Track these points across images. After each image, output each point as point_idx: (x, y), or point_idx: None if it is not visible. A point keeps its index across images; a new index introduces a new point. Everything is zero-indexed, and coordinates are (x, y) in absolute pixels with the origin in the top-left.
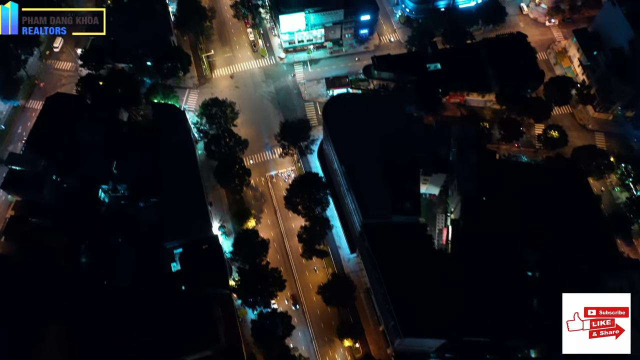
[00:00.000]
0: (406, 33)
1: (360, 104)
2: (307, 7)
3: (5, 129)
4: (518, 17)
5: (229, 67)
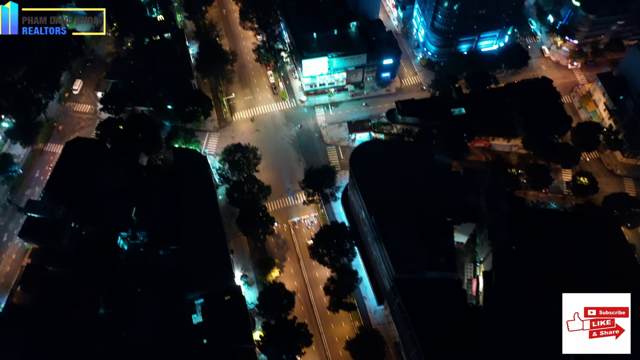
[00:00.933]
0: (427, 76)
1: (387, 152)
2: (330, 51)
3: (23, 173)
4: (540, 60)
5: (250, 110)
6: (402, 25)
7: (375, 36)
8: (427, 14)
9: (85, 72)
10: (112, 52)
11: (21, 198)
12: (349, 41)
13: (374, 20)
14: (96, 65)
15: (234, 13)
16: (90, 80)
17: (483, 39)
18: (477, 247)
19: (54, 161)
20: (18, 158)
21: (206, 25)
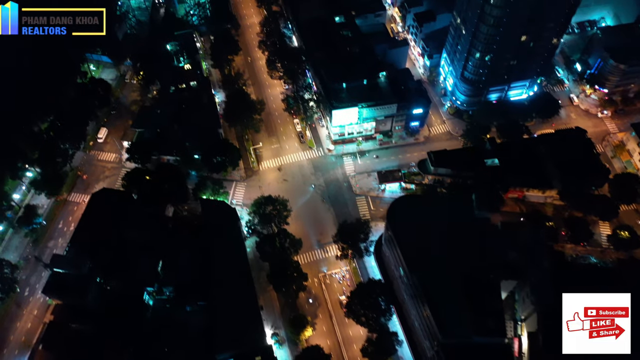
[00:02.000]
0: (456, 124)
1: (425, 206)
2: (361, 101)
3: (46, 224)
4: (569, 108)
5: (277, 159)
6: (428, 73)
7: (404, 86)
8: (456, 64)
9: (110, 120)
10: (137, 100)
11: (44, 250)
12: (378, 91)
13: (402, 70)
14: (121, 113)
15: (259, 61)
16: (115, 129)
17: (513, 88)
18: (517, 303)
19: (78, 211)
20: (41, 208)
21: (232, 73)
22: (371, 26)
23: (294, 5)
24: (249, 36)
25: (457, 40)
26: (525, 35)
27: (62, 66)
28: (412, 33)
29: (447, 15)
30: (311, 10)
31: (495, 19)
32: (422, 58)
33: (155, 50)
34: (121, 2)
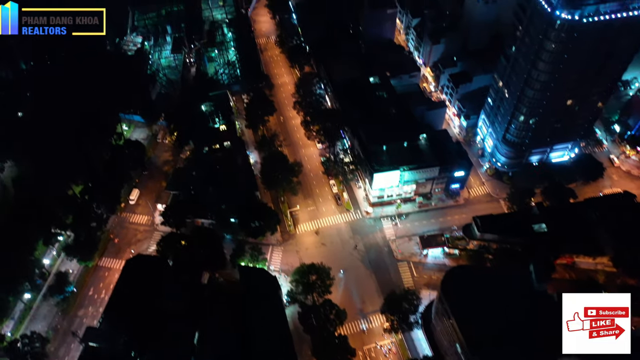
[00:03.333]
0: (496, 186)
1: (481, 277)
2: (402, 164)
3: (76, 291)
4: (610, 170)
5: (313, 222)
6: (464, 133)
7: (444, 148)
8: (497, 126)
9: (141, 180)
10: (169, 161)
11: (74, 320)
12: (419, 153)
13: (440, 131)
14: (153, 174)
15: (292, 120)
16: (146, 190)
17: (555, 150)
18: None
19: (109, 277)
20: (71, 274)
21: (266, 134)
22: (406, 86)
23: (328, 66)
24: (281, 95)
25: (499, 102)
26: (571, 99)
27: (98, 128)
28: (446, 93)
29: (484, 77)
30: (345, 71)
31: (543, 83)
32: (458, 118)
33: (190, 111)
34: (152, 60)
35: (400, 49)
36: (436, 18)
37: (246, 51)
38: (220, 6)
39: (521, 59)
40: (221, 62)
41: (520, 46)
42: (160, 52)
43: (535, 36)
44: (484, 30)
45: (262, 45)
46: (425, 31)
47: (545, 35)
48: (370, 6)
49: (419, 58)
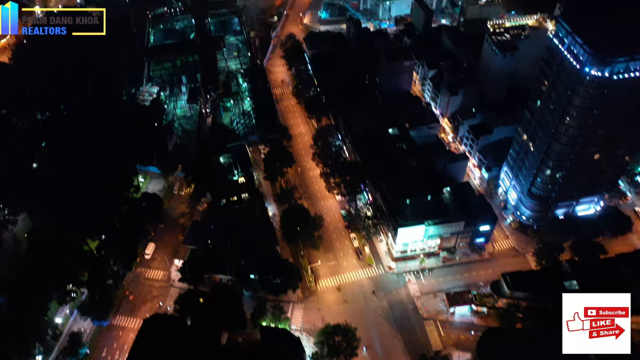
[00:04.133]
0: (521, 240)
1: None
2: (426, 219)
3: (90, 353)
4: (636, 223)
5: (335, 278)
6: (485, 185)
7: (468, 201)
8: (522, 179)
9: (157, 234)
10: (186, 213)
11: None
12: (443, 207)
13: (463, 184)
14: (169, 227)
15: (310, 171)
16: (163, 244)
17: (581, 204)
18: None
19: (124, 337)
20: (84, 334)
21: (284, 185)
22: (425, 138)
23: (346, 117)
24: (298, 145)
25: (524, 156)
26: (599, 153)
27: (114, 180)
28: (465, 144)
29: (504, 129)
30: (364, 123)
31: (571, 138)
32: (479, 170)
33: (207, 162)
34: (167, 110)
35: (417, 100)
36: (453, 70)
37: (262, 101)
38: (235, 57)
39: (548, 113)
40: (237, 112)
41: (546, 101)
42: (176, 102)
43: (563, 92)
44: (502, 83)
45: (278, 96)
46: (443, 83)
47: (574, 91)
48: (388, 59)
49: (436, 109)
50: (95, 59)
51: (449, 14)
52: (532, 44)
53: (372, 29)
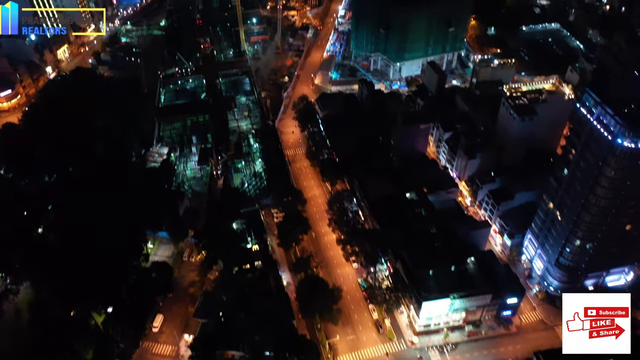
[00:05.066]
0: (549, 312)
1: None
2: (451, 291)
3: None
4: None
5: (354, 354)
6: (508, 252)
7: (494, 271)
8: (549, 249)
9: (165, 304)
10: (196, 281)
11: None
12: (469, 278)
13: (486, 252)
14: (178, 297)
15: (325, 237)
16: (171, 315)
17: (611, 274)
18: None
19: None
20: None
21: (299, 254)
22: (443, 202)
23: (362, 181)
24: (312, 209)
25: (550, 225)
26: (631, 224)
27: (122, 248)
28: (485, 209)
29: (527, 194)
30: (380, 187)
31: (602, 209)
32: (501, 236)
33: (219, 228)
34: (177, 171)
35: (433, 162)
36: (469, 133)
37: (274, 162)
38: (246, 116)
39: (577, 183)
40: (248, 174)
41: (574, 170)
42: (186, 163)
43: (593, 162)
44: (520, 146)
45: (291, 157)
46: (460, 146)
47: (605, 162)
48: (404, 122)
49: (452, 171)
50: (105, 121)
51: (459, 74)
52: (550, 108)
53: (384, 89)
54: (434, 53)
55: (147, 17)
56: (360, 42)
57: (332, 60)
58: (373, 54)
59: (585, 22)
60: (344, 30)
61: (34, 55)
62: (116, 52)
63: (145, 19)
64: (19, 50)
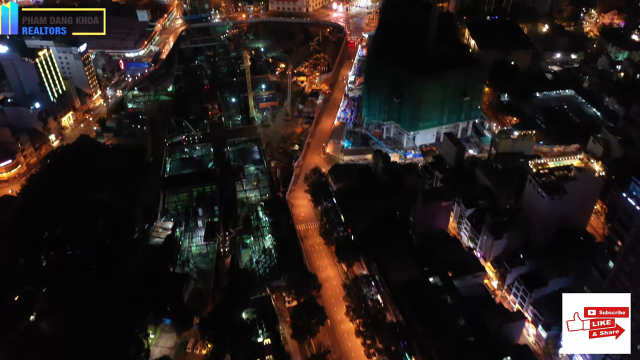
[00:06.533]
0: None
1: None
2: None
3: None
4: None
5: None
6: (543, 344)
7: None
8: None
9: None
10: None
11: None
12: None
13: (522, 348)
14: None
15: (341, 324)
16: None
17: None
18: None
19: None
20: None
21: (315, 350)
22: (469, 287)
23: (380, 264)
24: (327, 292)
25: None
26: None
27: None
28: (515, 295)
29: (561, 280)
30: (400, 270)
31: None
32: (534, 326)
33: (227, 318)
34: (182, 247)
35: (457, 242)
36: (493, 210)
37: (285, 239)
38: (254, 186)
39: (624, 278)
40: (257, 250)
41: (622, 264)
42: (191, 239)
43: None
44: (549, 226)
45: (302, 233)
46: (485, 225)
47: None
48: (424, 199)
49: (476, 251)
50: (107, 193)
51: (475, 143)
52: (580, 186)
53: (398, 159)
54: (449, 122)
55: (155, 82)
56: (373, 109)
57: (344, 128)
58: (386, 122)
59: (601, 89)
60: (355, 96)
61: (38, 123)
62: (122, 119)
63: (153, 84)
64: (22, 119)
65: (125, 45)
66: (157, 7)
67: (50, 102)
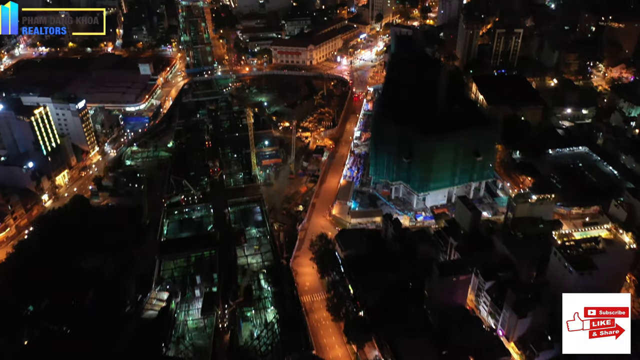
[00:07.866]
0: None
1: None
2: None
3: None
4: None
5: None
6: None
7: None
8: None
9: None
10: None
11: None
12: None
13: None
14: None
15: None
16: None
17: None
18: None
19: None
20: None
21: None
22: None
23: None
24: None
25: None
26: None
27: None
28: None
29: None
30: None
31: None
32: None
33: None
34: (177, 322)
35: (476, 320)
36: (515, 284)
37: (289, 312)
38: (256, 251)
39: None
40: (258, 323)
41: None
42: (188, 311)
43: None
44: None
45: (308, 305)
46: (508, 302)
47: None
48: (440, 273)
49: (497, 328)
50: (99, 261)
51: (489, 204)
52: (610, 259)
53: (408, 222)
54: (461, 182)
55: (155, 138)
56: (380, 168)
57: (350, 188)
58: (395, 182)
59: (616, 146)
60: (361, 153)
61: (30, 183)
62: (118, 177)
63: (153, 140)
64: (14, 178)
65: (126, 99)
66: (160, 60)
67: (44, 161)
